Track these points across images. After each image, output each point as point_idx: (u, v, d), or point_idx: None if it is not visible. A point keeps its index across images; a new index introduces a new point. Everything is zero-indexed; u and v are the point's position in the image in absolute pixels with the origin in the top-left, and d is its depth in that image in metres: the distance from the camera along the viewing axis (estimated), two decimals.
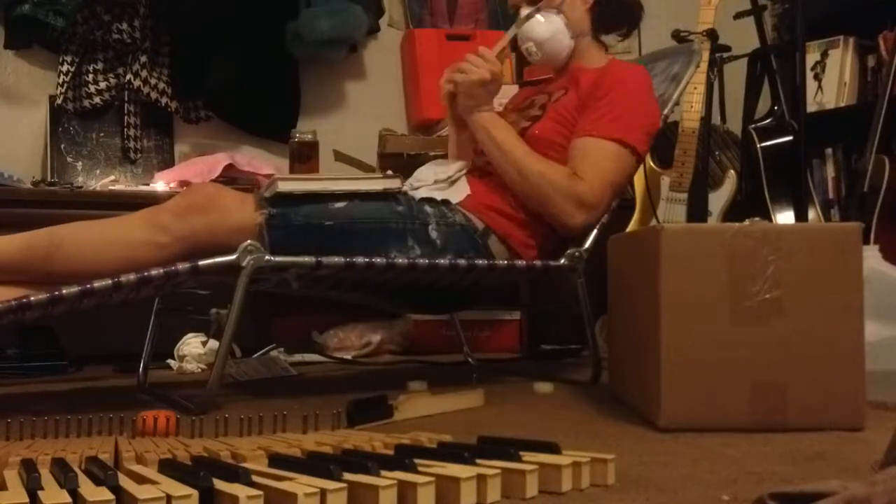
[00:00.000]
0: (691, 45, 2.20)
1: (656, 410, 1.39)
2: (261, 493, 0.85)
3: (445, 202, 1.88)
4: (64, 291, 1.48)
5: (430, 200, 1.88)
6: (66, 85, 2.80)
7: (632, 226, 2.68)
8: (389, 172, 1.95)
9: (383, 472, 0.92)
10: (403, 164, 2.65)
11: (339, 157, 2.81)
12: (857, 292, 1.39)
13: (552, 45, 2.02)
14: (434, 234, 1.82)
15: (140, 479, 0.91)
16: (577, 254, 1.91)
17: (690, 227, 1.85)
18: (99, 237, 1.67)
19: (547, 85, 2.14)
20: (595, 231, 1.94)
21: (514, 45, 2.09)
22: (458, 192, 1.92)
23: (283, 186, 1.73)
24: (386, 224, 1.79)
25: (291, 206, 1.73)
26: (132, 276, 1.52)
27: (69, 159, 2.83)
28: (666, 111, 2.05)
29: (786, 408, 1.37)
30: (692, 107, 2.58)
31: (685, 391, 1.37)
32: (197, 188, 1.83)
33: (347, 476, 0.90)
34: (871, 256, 2.22)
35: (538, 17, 1.99)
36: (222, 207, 1.70)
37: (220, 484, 0.87)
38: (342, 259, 1.67)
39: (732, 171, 2.83)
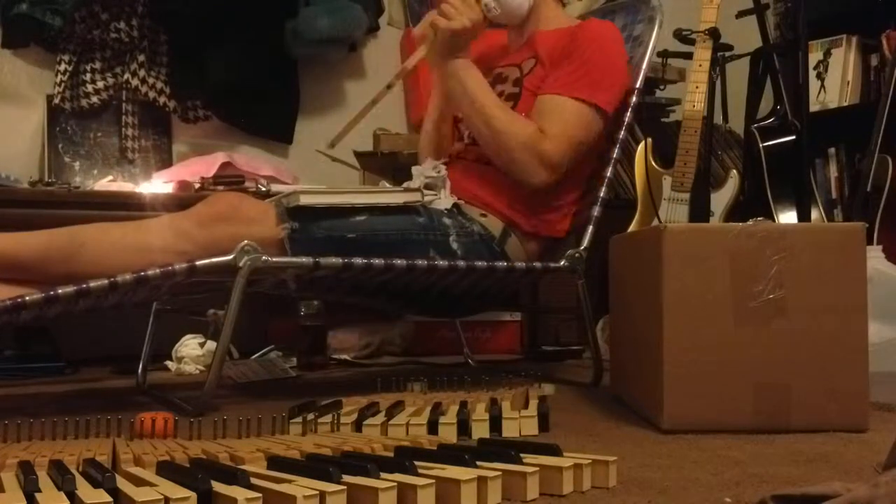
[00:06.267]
0: (650, 2, 2.14)
1: (658, 412, 1.38)
2: (259, 495, 0.84)
3: (457, 207, 1.89)
4: (59, 291, 1.46)
5: (446, 212, 1.88)
6: (63, 84, 2.79)
7: (633, 226, 2.67)
8: (409, 184, 1.94)
9: (383, 475, 0.92)
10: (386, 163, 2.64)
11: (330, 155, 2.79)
12: (861, 293, 1.39)
13: (511, 1, 2.00)
14: (455, 245, 1.83)
15: (138, 482, 0.91)
16: (577, 255, 1.91)
17: (693, 227, 1.84)
18: (120, 241, 1.65)
19: (513, 55, 2.11)
20: (591, 227, 1.94)
21: None
22: (445, 199, 1.92)
23: (305, 200, 1.73)
24: (408, 236, 1.80)
25: (312, 220, 1.73)
26: (128, 277, 1.50)
27: (67, 159, 2.82)
28: (639, 84, 2.03)
29: (789, 409, 1.36)
30: (694, 106, 2.57)
31: (688, 393, 1.36)
32: (220, 196, 1.81)
33: (347, 478, 0.90)
34: (875, 257, 2.22)
35: None
36: (246, 218, 1.69)
37: (218, 486, 0.86)
38: (339, 260, 1.66)
39: (735, 171, 2.82)
